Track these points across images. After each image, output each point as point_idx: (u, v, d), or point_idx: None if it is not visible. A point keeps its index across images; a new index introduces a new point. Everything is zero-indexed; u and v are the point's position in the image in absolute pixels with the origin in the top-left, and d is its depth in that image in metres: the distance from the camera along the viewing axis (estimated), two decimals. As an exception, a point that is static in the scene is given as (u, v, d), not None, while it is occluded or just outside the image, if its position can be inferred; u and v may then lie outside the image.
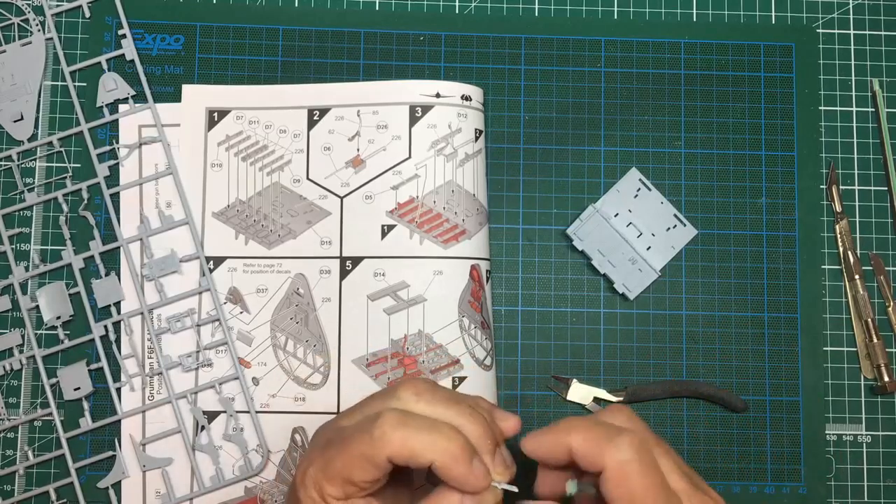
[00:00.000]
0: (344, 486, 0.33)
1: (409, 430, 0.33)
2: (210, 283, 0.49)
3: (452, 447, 0.32)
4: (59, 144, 0.51)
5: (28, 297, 0.49)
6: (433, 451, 0.32)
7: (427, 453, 0.32)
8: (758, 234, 0.51)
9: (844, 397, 0.51)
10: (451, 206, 0.49)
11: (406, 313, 0.48)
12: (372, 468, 0.33)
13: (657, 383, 0.50)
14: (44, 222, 0.50)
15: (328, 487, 0.34)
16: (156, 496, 0.48)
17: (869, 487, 0.50)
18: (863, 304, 0.51)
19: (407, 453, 0.32)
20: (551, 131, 0.52)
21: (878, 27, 0.54)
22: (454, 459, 0.32)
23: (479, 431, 0.34)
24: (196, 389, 0.48)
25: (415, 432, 0.33)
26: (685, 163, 0.52)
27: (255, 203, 0.50)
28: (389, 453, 0.32)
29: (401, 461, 0.33)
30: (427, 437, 0.32)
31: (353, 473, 0.33)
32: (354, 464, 0.33)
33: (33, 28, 0.51)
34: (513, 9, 0.53)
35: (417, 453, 0.32)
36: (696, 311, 0.51)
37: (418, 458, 0.32)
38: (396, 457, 0.32)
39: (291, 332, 0.49)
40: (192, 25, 0.52)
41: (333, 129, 0.50)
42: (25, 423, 0.49)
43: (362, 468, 0.33)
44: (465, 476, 0.32)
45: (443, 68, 0.52)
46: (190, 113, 0.50)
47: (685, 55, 0.53)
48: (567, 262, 0.51)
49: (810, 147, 0.52)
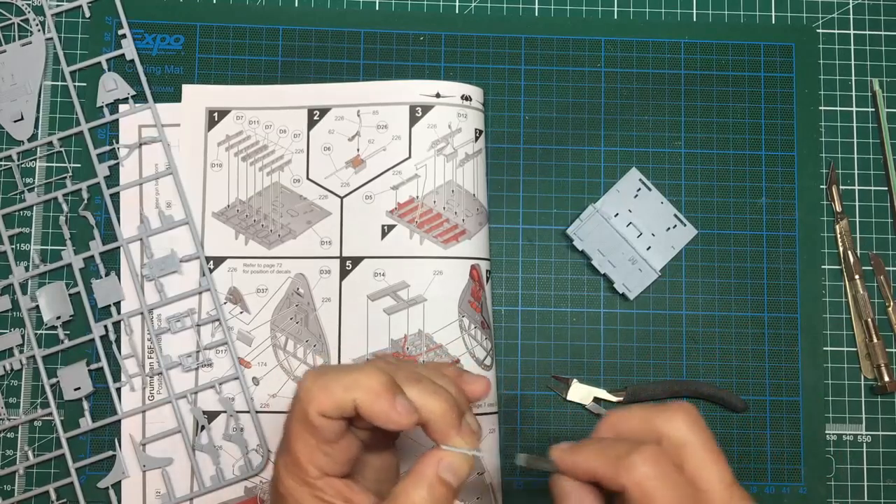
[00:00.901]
0: (308, 460, 0.34)
1: (328, 378, 0.33)
2: (210, 283, 0.49)
3: (372, 382, 0.33)
4: (59, 144, 0.51)
5: (28, 297, 0.49)
6: (354, 391, 0.33)
7: (347, 395, 0.33)
8: (758, 234, 0.51)
9: (844, 397, 0.51)
10: (451, 206, 0.49)
11: (406, 313, 0.48)
12: (312, 430, 0.33)
13: (657, 383, 0.50)
14: (44, 222, 0.50)
15: (297, 469, 0.34)
16: (156, 496, 0.48)
17: (869, 487, 0.50)
18: (863, 304, 0.51)
19: (332, 402, 0.33)
20: (551, 131, 0.52)
21: (878, 27, 0.54)
22: (375, 395, 0.33)
23: (441, 408, 0.34)
24: (196, 389, 0.48)
25: (333, 379, 0.33)
26: (685, 163, 0.52)
27: (255, 203, 0.50)
28: (318, 408, 0.33)
29: (331, 412, 0.33)
30: (345, 379, 0.33)
31: (301, 443, 0.33)
32: (298, 433, 0.33)
33: (33, 28, 0.51)
34: (513, 9, 0.53)
35: (340, 398, 0.33)
36: (696, 311, 0.51)
37: (342, 403, 0.33)
38: (324, 408, 0.33)
39: (291, 332, 0.49)
40: (192, 25, 0.52)
41: (333, 129, 0.50)
42: (25, 423, 0.49)
43: (304, 433, 0.33)
44: (387, 412, 0.33)
45: (443, 68, 0.52)
46: (190, 113, 0.50)
47: (685, 55, 0.53)
48: (567, 262, 0.51)
49: (810, 147, 0.52)
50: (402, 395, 0.33)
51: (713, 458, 0.32)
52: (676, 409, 0.33)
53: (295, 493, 0.34)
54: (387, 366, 0.35)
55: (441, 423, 0.34)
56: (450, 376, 0.37)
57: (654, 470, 0.31)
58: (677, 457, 0.32)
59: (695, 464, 0.32)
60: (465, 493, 0.47)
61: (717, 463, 0.32)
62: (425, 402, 0.34)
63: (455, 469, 0.34)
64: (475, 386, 0.38)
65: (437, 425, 0.34)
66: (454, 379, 0.37)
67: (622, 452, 0.31)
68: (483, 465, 0.48)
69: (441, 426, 0.34)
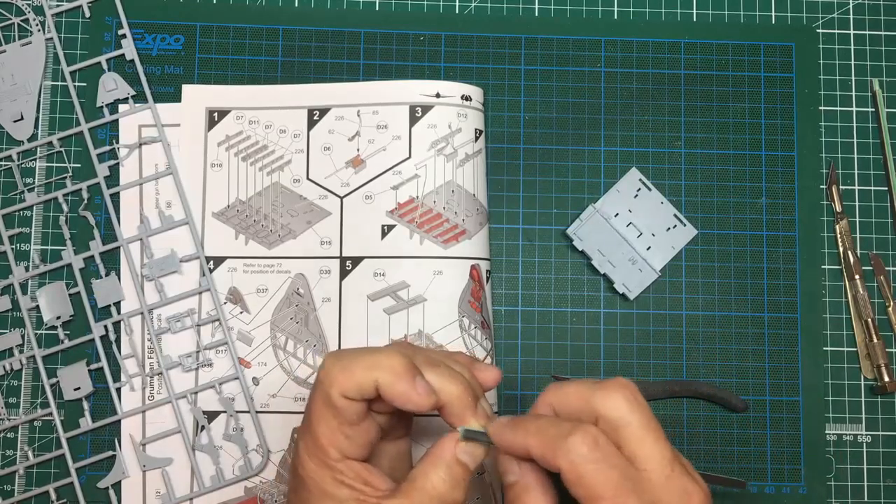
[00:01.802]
0: (329, 442, 0.34)
1: (348, 360, 0.34)
2: (210, 283, 0.49)
3: (393, 363, 0.33)
4: (59, 144, 0.51)
5: (28, 297, 0.49)
6: (375, 371, 0.33)
7: (369, 375, 0.33)
8: (758, 234, 0.51)
9: (844, 397, 0.51)
10: (451, 206, 0.49)
11: (406, 313, 0.48)
12: (334, 411, 0.34)
13: (657, 383, 0.50)
14: (44, 222, 0.50)
15: (318, 452, 0.34)
16: (156, 496, 0.48)
17: (869, 487, 0.50)
18: (863, 304, 0.51)
19: (353, 383, 0.33)
20: (551, 131, 0.52)
21: (878, 27, 0.54)
22: (396, 375, 0.33)
23: (458, 390, 0.34)
24: (196, 389, 0.48)
25: (354, 360, 0.34)
26: (685, 163, 0.52)
27: (255, 203, 0.50)
28: (340, 389, 0.33)
29: (353, 393, 0.33)
30: (366, 360, 0.33)
31: (324, 425, 0.34)
32: (320, 415, 0.34)
33: (33, 28, 0.51)
34: (513, 9, 0.53)
35: (361, 379, 0.33)
36: (696, 311, 0.51)
37: (363, 384, 0.33)
38: (346, 389, 0.33)
39: (291, 332, 0.49)
40: (192, 25, 0.52)
41: (333, 129, 0.50)
42: (25, 423, 0.49)
43: (326, 415, 0.34)
44: (407, 393, 0.33)
45: (443, 68, 0.52)
46: (190, 113, 0.50)
47: (685, 55, 0.53)
48: (567, 262, 0.51)
49: (810, 147, 0.52)
50: (421, 376, 0.34)
51: (652, 436, 0.32)
52: (613, 386, 0.33)
53: (315, 476, 0.34)
54: (406, 349, 0.36)
55: (458, 406, 0.35)
56: (463, 363, 0.37)
57: (591, 453, 0.31)
58: (615, 436, 0.32)
59: (633, 443, 0.32)
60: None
61: (656, 441, 0.32)
62: (443, 385, 0.34)
63: (471, 451, 0.35)
64: (487, 374, 0.38)
65: (454, 408, 0.35)
66: (468, 366, 0.37)
67: (561, 432, 0.31)
68: (483, 465, 0.48)
69: (458, 409, 0.35)
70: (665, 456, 0.32)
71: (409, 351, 0.36)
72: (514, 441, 0.33)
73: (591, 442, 0.31)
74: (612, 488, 0.30)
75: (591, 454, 0.31)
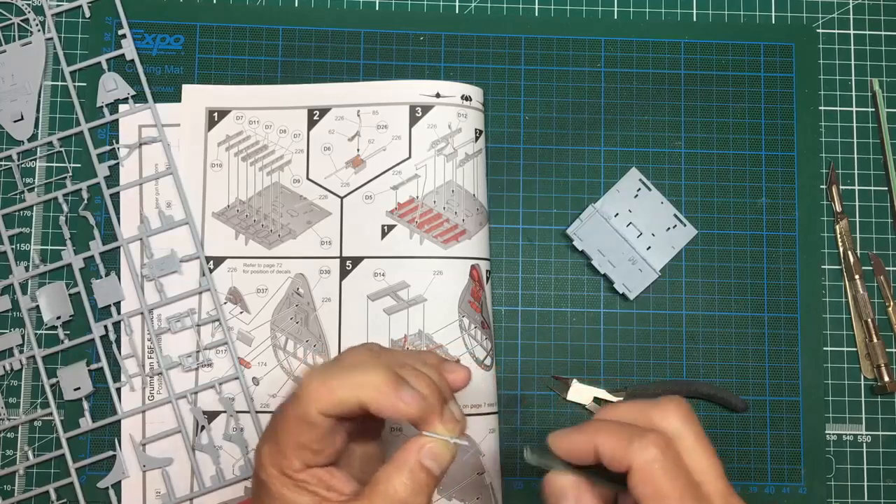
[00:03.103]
0: (295, 455, 0.34)
1: (330, 377, 0.33)
2: (210, 283, 0.49)
3: (377, 381, 0.33)
4: (59, 144, 0.51)
5: (28, 297, 0.49)
6: (358, 390, 0.33)
7: (352, 394, 0.33)
8: (758, 234, 0.51)
9: (844, 397, 0.51)
10: (451, 206, 0.49)
11: (406, 313, 0.48)
12: (309, 428, 0.33)
13: (657, 383, 0.50)
14: (44, 222, 0.50)
15: (282, 461, 0.34)
16: (156, 496, 0.48)
17: (869, 487, 0.50)
18: (863, 304, 0.51)
19: (335, 401, 0.33)
20: (551, 131, 0.52)
21: (878, 27, 0.54)
22: (382, 393, 0.33)
23: (425, 392, 0.34)
24: (196, 389, 0.48)
25: (336, 378, 0.33)
26: (685, 163, 0.52)
27: (255, 203, 0.50)
28: (319, 407, 0.33)
29: (334, 411, 0.33)
30: (349, 380, 0.33)
31: (294, 439, 0.33)
32: (292, 429, 0.33)
33: (33, 28, 0.51)
34: (513, 9, 0.53)
35: (343, 397, 0.33)
36: (696, 311, 0.51)
37: (346, 402, 0.33)
38: (327, 408, 0.33)
39: (291, 332, 0.49)
40: (192, 25, 0.52)
41: (333, 129, 0.50)
42: (25, 423, 0.49)
43: (300, 430, 0.33)
44: (395, 405, 0.33)
45: (443, 68, 0.52)
46: (190, 113, 0.50)
47: (685, 55, 0.53)
48: (567, 262, 0.51)
49: (810, 147, 0.52)
50: (406, 385, 0.33)
51: (707, 451, 0.32)
52: (669, 403, 0.33)
53: (277, 482, 0.34)
54: (372, 354, 0.35)
55: (424, 410, 0.34)
56: (432, 364, 0.37)
57: (663, 454, 0.31)
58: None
59: (690, 455, 0.32)
60: (465, 492, 0.47)
61: (711, 456, 0.32)
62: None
63: (436, 456, 0.34)
64: (457, 375, 0.37)
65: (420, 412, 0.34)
66: (436, 367, 0.37)
67: (634, 433, 0.31)
68: (483, 465, 0.48)
69: (424, 413, 0.34)
70: (719, 472, 0.32)
71: (377, 353, 0.35)
72: (579, 441, 0.33)
73: (664, 444, 0.31)
74: (679, 490, 0.31)
75: (663, 455, 0.31)
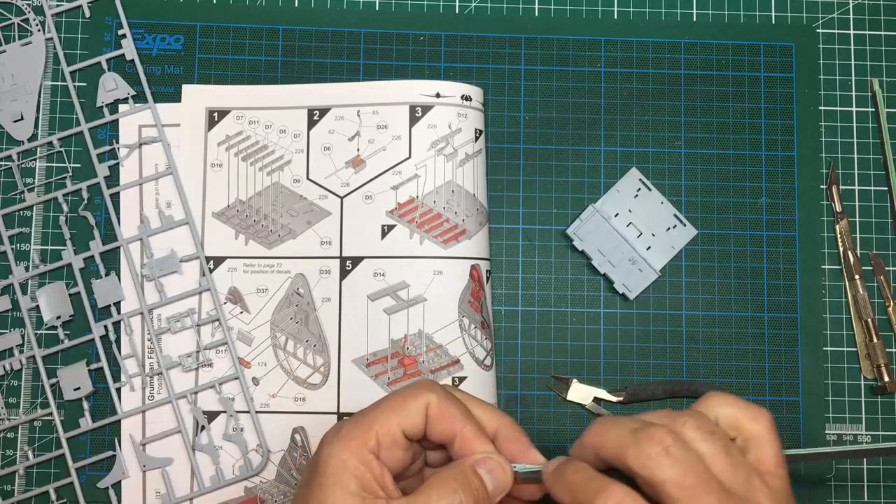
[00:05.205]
0: (386, 436, 0.33)
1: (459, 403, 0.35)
2: (210, 283, 0.49)
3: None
4: (59, 144, 0.51)
5: (28, 297, 0.49)
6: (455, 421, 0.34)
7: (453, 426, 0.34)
8: (758, 234, 0.51)
9: (844, 397, 0.50)
10: (451, 206, 0.49)
11: (406, 313, 0.48)
12: (418, 418, 0.34)
13: (657, 383, 0.50)
14: (44, 222, 0.50)
15: (368, 437, 0.33)
16: (156, 496, 0.48)
17: (869, 487, 0.50)
18: (863, 304, 0.51)
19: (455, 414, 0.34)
20: (551, 131, 0.52)
21: (878, 27, 0.54)
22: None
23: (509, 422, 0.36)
24: (196, 389, 0.48)
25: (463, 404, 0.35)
26: (685, 163, 0.52)
27: (255, 203, 0.50)
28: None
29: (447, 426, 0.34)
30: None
31: (401, 420, 0.34)
32: (410, 406, 0.34)
33: (33, 28, 0.51)
34: (513, 9, 0.53)
35: (455, 415, 0.34)
36: (696, 311, 0.51)
37: (457, 419, 0.34)
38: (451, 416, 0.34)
39: (291, 332, 0.49)
40: (192, 25, 0.52)
41: (333, 129, 0.50)
42: (25, 423, 0.49)
43: (409, 414, 0.34)
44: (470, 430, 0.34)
45: (443, 68, 0.52)
46: (190, 113, 0.50)
47: (685, 55, 0.53)
48: (567, 262, 0.51)
49: (810, 147, 0.52)
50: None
51: (779, 458, 0.34)
52: (764, 412, 0.35)
53: (345, 455, 0.33)
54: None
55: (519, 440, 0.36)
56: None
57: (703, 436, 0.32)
58: (745, 447, 0.34)
59: (760, 452, 0.33)
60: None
61: (779, 455, 0.34)
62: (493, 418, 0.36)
63: (492, 470, 0.34)
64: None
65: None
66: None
67: (635, 427, 0.31)
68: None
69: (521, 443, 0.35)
70: (783, 465, 0.34)
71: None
72: (580, 451, 0.33)
73: (675, 437, 0.31)
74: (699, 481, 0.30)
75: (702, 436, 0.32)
